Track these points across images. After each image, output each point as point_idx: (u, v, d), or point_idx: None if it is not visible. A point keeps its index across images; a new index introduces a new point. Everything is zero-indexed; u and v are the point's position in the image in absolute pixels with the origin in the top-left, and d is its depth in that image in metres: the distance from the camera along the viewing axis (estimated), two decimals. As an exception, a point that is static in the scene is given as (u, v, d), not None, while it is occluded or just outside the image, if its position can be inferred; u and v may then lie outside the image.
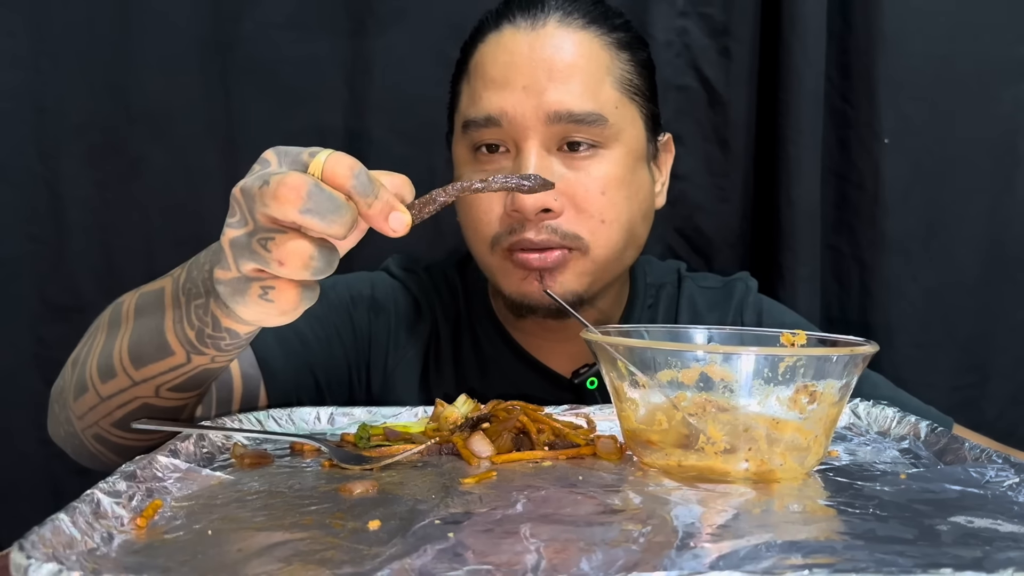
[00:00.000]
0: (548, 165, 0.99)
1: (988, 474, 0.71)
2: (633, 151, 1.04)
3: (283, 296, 0.65)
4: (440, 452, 0.81)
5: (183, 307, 0.79)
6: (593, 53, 1.01)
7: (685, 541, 0.57)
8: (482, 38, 1.04)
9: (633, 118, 1.04)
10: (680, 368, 0.73)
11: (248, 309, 0.67)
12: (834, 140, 1.48)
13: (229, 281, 0.67)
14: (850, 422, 0.93)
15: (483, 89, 1.02)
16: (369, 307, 1.13)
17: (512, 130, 1.00)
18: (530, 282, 1.02)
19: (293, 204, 0.62)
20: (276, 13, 1.46)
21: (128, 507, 0.62)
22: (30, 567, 0.47)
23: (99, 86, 1.45)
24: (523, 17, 1.01)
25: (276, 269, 0.64)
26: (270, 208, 0.62)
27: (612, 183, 1.01)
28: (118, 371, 0.84)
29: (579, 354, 1.11)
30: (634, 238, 1.06)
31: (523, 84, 0.99)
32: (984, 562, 0.52)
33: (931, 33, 1.45)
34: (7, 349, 1.46)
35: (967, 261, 1.49)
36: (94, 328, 0.92)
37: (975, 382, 1.51)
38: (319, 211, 0.62)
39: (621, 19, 1.06)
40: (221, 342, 0.78)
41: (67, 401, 0.89)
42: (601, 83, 1.01)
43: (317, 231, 0.63)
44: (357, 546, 0.56)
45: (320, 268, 0.64)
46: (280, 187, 0.62)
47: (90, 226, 1.47)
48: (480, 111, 1.01)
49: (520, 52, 1.00)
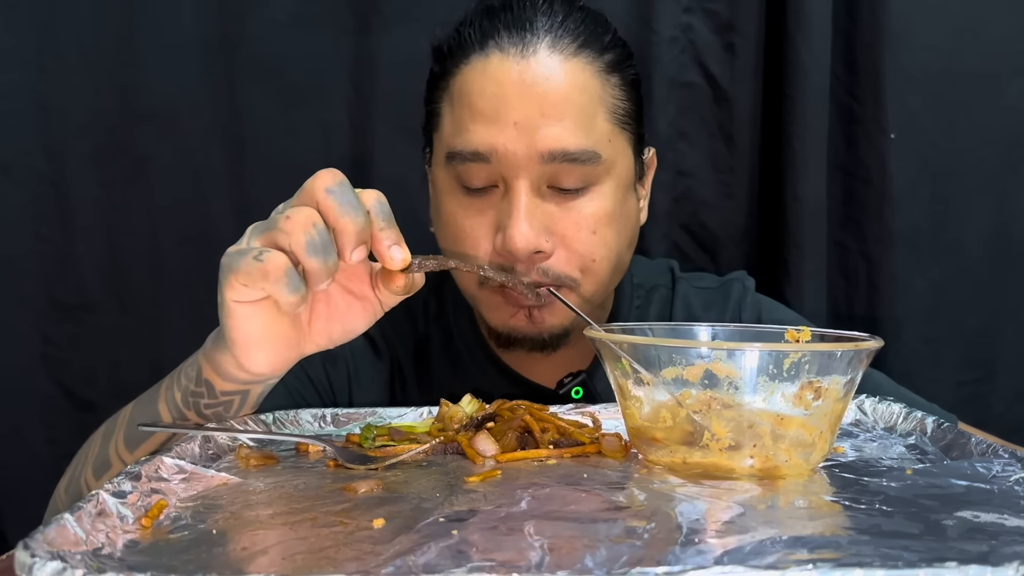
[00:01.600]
0: (537, 204, 0.96)
1: (994, 469, 0.71)
2: (622, 182, 1.01)
3: (273, 257, 0.69)
4: (445, 451, 0.81)
5: (177, 374, 0.85)
6: (586, 84, 0.96)
7: (690, 537, 0.56)
8: (465, 59, 0.98)
9: (624, 148, 1.01)
10: (684, 365, 0.72)
11: (236, 279, 0.71)
12: (840, 136, 1.47)
13: (232, 251, 0.72)
14: (856, 418, 0.93)
15: (470, 121, 0.96)
16: (323, 360, 1.10)
17: (501, 167, 0.95)
18: (519, 318, 1.00)
19: (323, 182, 0.70)
20: (281, 11, 1.46)
21: (133, 507, 0.62)
22: (34, 565, 0.48)
23: (105, 85, 1.45)
24: (511, 41, 0.95)
25: (282, 225, 0.69)
26: (306, 184, 0.70)
27: (603, 220, 0.98)
28: (113, 463, 0.86)
29: (562, 364, 1.10)
30: (621, 266, 1.05)
31: (514, 120, 0.93)
32: (990, 556, 0.52)
33: (937, 28, 1.44)
34: (14, 348, 1.47)
35: (974, 256, 1.49)
36: (85, 447, 0.94)
37: (982, 377, 1.50)
38: (339, 198, 0.70)
39: (610, 34, 1.01)
40: (200, 400, 0.82)
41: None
42: (594, 117, 0.97)
43: (331, 214, 0.69)
44: (361, 544, 0.56)
45: (316, 244, 0.69)
46: (321, 172, 0.71)
47: (96, 225, 1.47)
48: (467, 144, 0.96)
49: (510, 83, 0.94)
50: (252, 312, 0.74)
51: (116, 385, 1.45)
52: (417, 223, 1.45)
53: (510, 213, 0.95)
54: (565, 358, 1.10)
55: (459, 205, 1.00)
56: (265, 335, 0.76)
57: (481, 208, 0.98)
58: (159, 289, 1.48)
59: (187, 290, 1.47)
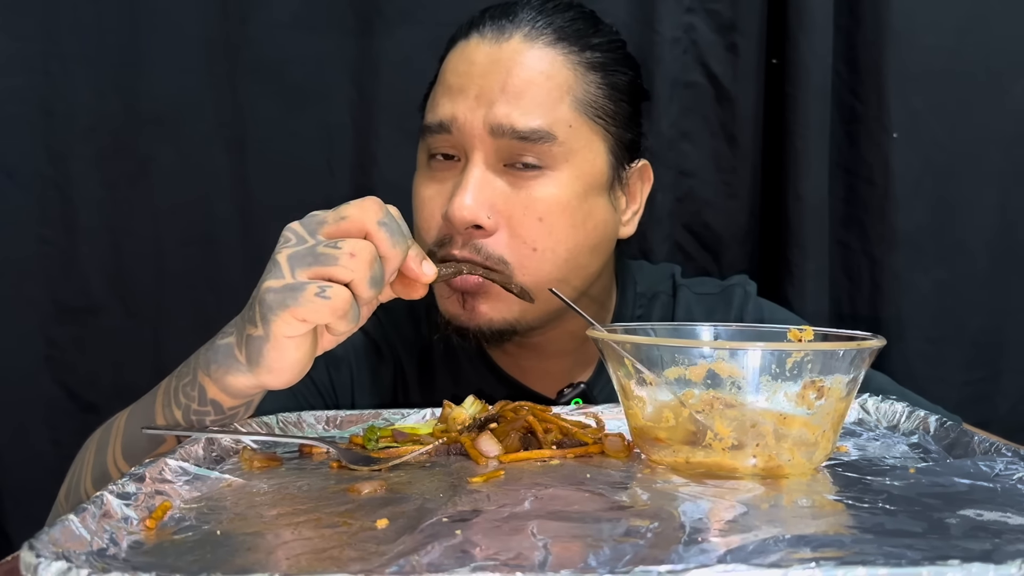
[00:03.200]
0: (488, 180, 0.97)
1: (997, 467, 0.71)
2: (586, 175, 1.00)
3: (339, 293, 0.70)
4: (448, 452, 0.81)
5: (172, 392, 0.84)
6: (554, 71, 0.98)
7: (693, 536, 0.56)
8: (452, 46, 1.04)
9: (589, 140, 1.00)
10: (687, 365, 0.73)
11: (293, 315, 0.71)
12: (843, 135, 1.47)
13: (280, 288, 0.71)
14: (859, 417, 0.93)
15: (441, 95, 1.01)
16: (327, 363, 1.10)
17: (460, 138, 0.98)
18: (452, 302, 1.00)
19: (374, 214, 0.73)
20: (283, 13, 1.46)
21: (137, 508, 0.63)
22: (39, 565, 0.48)
23: (108, 88, 1.46)
24: (491, 28, 1.00)
25: (347, 263, 0.70)
26: (350, 215, 0.73)
27: (554, 209, 0.97)
28: (112, 474, 0.86)
29: (562, 373, 1.10)
30: (577, 270, 1.01)
31: (475, 93, 0.97)
32: (993, 554, 0.52)
33: (939, 26, 1.44)
34: (19, 350, 1.48)
35: (978, 255, 1.48)
36: (81, 454, 0.94)
37: (986, 376, 1.50)
38: (391, 229, 0.73)
39: (604, 39, 1.03)
40: (206, 418, 0.82)
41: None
42: (558, 102, 0.98)
43: (384, 246, 0.73)
44: (365, 544, 0.56)
45: (377, 279, 0.72)
46: (364, 200, 0.73)
47: (100, 227, 1.48)
48: (435, 116, 1.00)
49: (479, 62, 0.99)
50: (298, 343, 0.74)
51: (120, 387, 1.45)
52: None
53: (460, 184, 0.97)
54: (564, 367, 1.10)
55: (424, 176, 1.03)
56: (303, 361, 0.75)
57: (442, 179, 1.01)
58: (162, 291, 1.49)
59: (190, 292, 1.48)
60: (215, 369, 0.79)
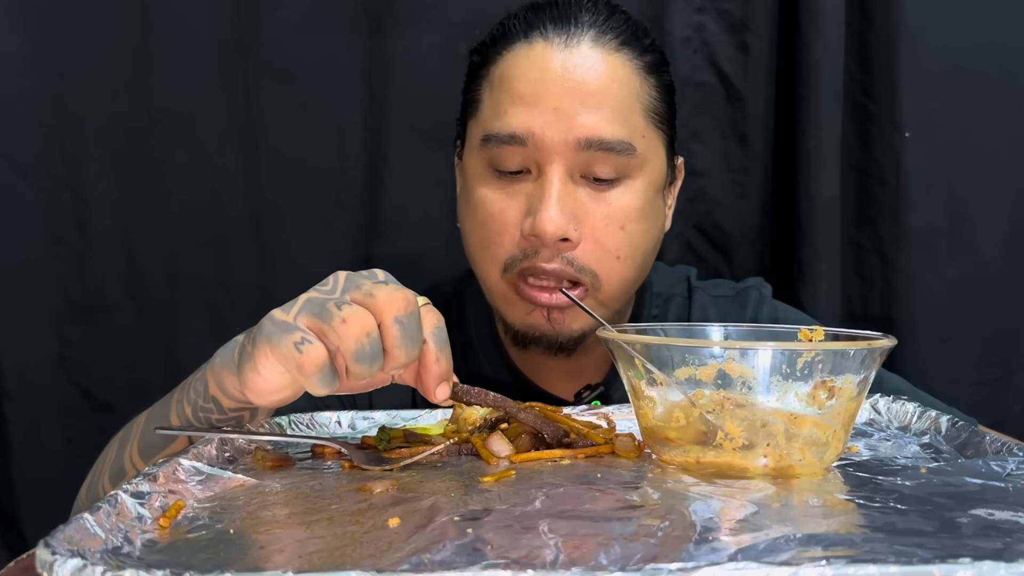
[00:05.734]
0: (570, 191, 0.96)
1: (1009, 467, 0.71)
2: (655, 181, 1.01)
3: (313, 352, 0.67)
4: (459, 453, 0.81)
5: (186, 388, 0.85)
6: (625, 78, 0.98)
7: (704, 535, 0.57)
8: (508, 46, 0.99)
9: (657, 148, 1.02)
10: (698, 365, 0.73)
11: (271, 352, 0.69)
12: (854, 134, 1.47)
13: (278, 322, 0.69)
14: (870, 418, 0.93)
15: (509, 104, 0.97)
16: None
17: (537, 152, 0.96)
18: (536, 316, 1.00)
19: (396, 309, 0.69)
20: (295, 14, 1.47)
21: (151, 508, 0.63)
22: (55, 563, 0.48)
23: (121, 89, 1.46)
24: (556, 32, 0.97)
25: (337, 326, 0.67)
26: (378, 297, 0.69)
27: (632, 216, 0.98)
28: (128, 472, 0.87)
29: (579, 375, 1.10)
30: (644, 270, 1.04)
31: (554, 105, 0.95)
32: (1004, 553, 0.52)
33: (951, 25, 1.44)
34: (32, 350, 1.48)
35: (990, 254, 1.48)
36: (104, 451, 0.95)
37: (1000, 377, 1.50)
38: (405, 332, 0.69)
39: (650, 39, 1.03)
40: (211, 415, 0.82)
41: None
42: (631, 111, 0.98)
43: (389, 341, 0.69)
44: (377, 542, 0.56)
45: (365, 354, 0.68)
46: (399, 291, 0.70)
47: (113, 228, 1.48)
48: (505, 127, 0.96)
49: (552, 70, 0.96)
50: (278, 375, 0.72)
51: (133, 386, 1.46)
52: (430, 223, 1.46)
53: (542, 197, 0.95)
54: (581, 368, 1.10)
55: (490, 189, 1.00)
56: (285, 392, 0.74)
57: (512, 192, 0.99)
58: (175, 291, 1.49)
59: (203, 292, 1.48)
60: (218, 364, 0.80)
